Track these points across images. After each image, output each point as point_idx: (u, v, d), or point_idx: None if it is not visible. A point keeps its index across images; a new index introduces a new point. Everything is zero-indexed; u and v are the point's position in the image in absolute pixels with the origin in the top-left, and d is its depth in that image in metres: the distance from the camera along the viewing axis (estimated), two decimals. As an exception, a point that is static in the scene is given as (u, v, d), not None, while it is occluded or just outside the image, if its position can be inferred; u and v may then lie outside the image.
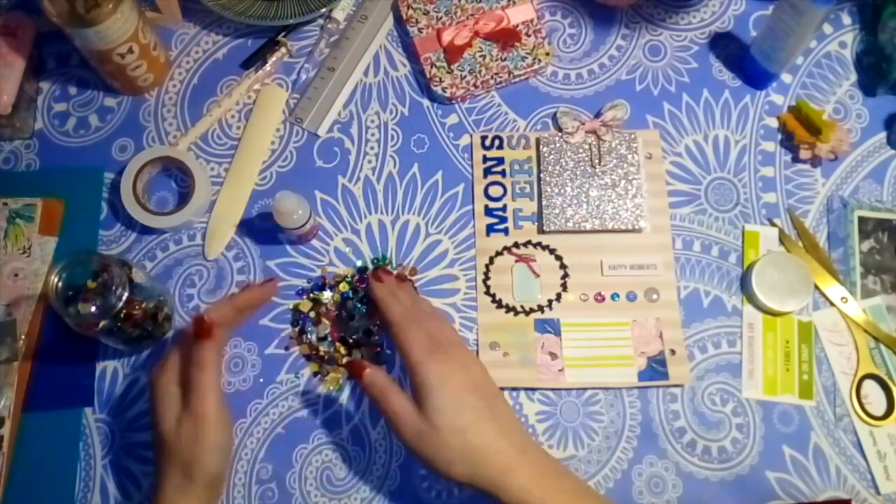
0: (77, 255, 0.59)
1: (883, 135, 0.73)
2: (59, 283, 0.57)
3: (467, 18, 0.75)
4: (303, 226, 0.65)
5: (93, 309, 0.58)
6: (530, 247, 0.69)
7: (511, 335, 0.67)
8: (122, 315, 0.59)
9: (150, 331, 0.64)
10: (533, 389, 0.66)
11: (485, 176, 0.72)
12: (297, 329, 0.67)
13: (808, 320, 0.67)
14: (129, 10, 0.66)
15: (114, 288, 0.58)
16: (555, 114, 0.73)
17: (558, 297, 0.68)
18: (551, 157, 0.71)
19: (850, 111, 0.74)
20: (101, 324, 0.58)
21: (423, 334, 0.58)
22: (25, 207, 0.69)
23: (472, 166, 0.72)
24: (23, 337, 0.66)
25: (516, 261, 0.69)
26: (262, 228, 0.70)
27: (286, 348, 0.67)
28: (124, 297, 0.58)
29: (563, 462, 0.63)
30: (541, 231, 0.70)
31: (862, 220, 0.69)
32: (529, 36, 0.74)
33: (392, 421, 0.55)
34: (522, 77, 0.74)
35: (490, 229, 0.70)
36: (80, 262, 0.59)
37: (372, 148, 0.73)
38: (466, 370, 0.56)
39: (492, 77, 0.73)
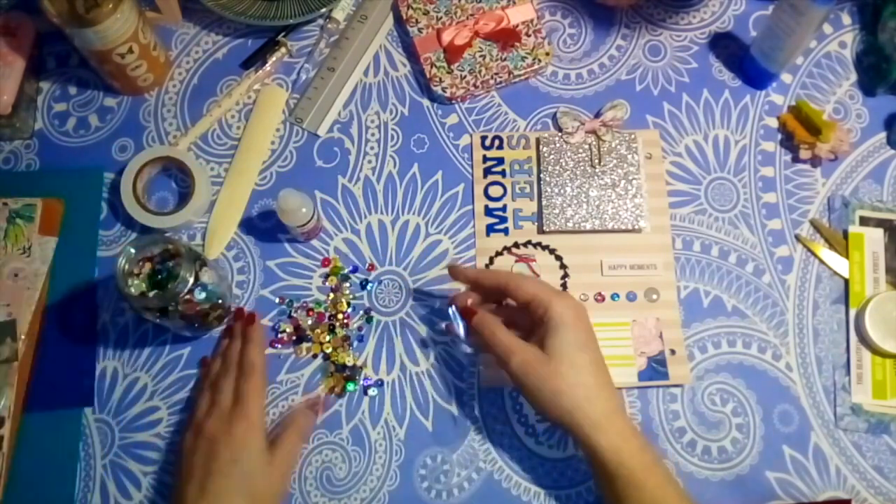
0: (153, 239, 0.59)
1: (883, 135, 0.73)
2: (125, 263, 0.58)
3: (467, 18, 0.75)
4: (308, 222, 0.65)
5: (150, 294, 0.59)
6: (530, 247, 0.69)
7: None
8: (178, 307, 0.59)
9: (196, 326, 0.64)
10: (533, 389, 0.66)
11: (485, 176, 0.72)
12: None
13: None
14: (129, 10, 0.66)
15: (176, 282, 0.58)
16: (555, 114, 0.73)
17: (558, 297, 0.68)
18: (551, 157, 0.71)
19: (850, 111, 0.74)
20: (147, 311, 0.59)
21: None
22: (25, 207, 0.69)
23: (472, 166, 0.72)
24: (23, 337, 0.65)
25: (516, 261, 0.69)
26: (262, 228, 0.70)
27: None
28: (183, 293, 0.58)
29: (564, 461, 0.63)
30: (541, 231, 0.70)
31: (863, 219, 0.69)
32: (529, 36, 0.74)
33: (501, 351, 0.57)
34: (522, 77, 0.74)
35: (490, 229, 0.70)
36: (155, 243, 0.60)
37: (372, 148, 0.73)
38: (588, 320, 0.58)
39: (492, 77, 0.73)
